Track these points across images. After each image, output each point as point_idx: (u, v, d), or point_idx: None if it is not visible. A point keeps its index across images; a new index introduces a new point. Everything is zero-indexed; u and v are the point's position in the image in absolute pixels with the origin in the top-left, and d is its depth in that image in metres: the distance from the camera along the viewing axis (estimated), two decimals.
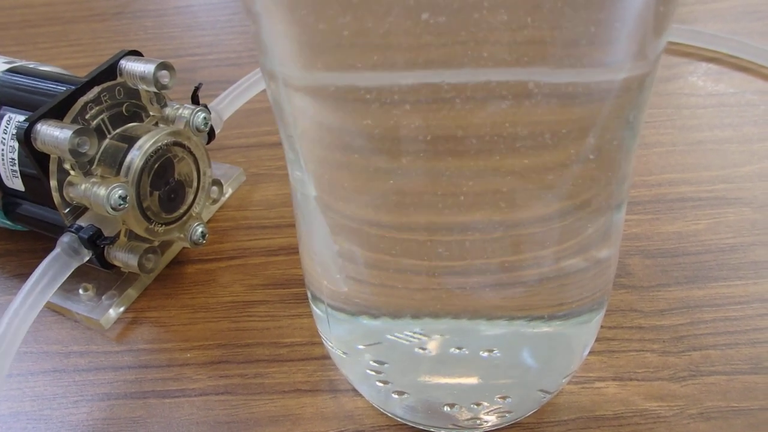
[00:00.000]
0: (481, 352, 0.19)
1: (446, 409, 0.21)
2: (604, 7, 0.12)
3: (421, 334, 0.19)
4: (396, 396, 0.21)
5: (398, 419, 0.23)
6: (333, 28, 0.13)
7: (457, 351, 0.19)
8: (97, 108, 0.26)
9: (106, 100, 0.27)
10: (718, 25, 0.43)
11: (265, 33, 0.14)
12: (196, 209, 0.30)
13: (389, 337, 0.19)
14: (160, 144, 0.27)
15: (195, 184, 0.29)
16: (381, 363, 0.20)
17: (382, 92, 0.13)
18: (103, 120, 0.26)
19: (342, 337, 0.21)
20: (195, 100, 0.29)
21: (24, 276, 0.25)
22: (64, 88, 0.26)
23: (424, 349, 0.19)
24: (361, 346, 0.20)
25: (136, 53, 0.27)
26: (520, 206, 0.16)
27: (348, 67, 0.13)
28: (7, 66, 0.29)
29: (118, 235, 0.27)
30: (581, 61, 0.13)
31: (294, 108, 0.15)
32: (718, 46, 0.40)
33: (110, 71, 0.27)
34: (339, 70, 0.14)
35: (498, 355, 0.19)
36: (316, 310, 0.21)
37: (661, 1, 0.13)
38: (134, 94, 0.28)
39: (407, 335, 0.19)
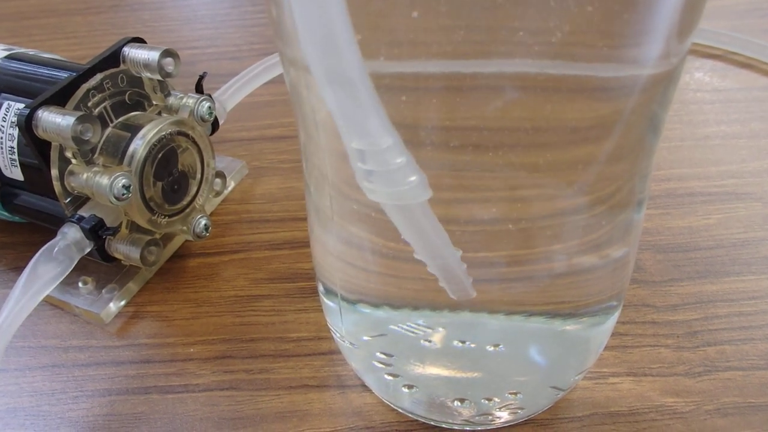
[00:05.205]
0: (487, 347, 0.19)
1: (456, 404, 0.20)
2: (629, 6, 0.12)
3: (425, 326, 0.18)
4: (405, 390, 0.21)
5: (408, 415, 0.23)
6: (358, 15, 0.12)
7: (461, 345, 0.19)
8: (100, 95, 0.26)
9: (109, 87, 0.26)
10: (722, 22, 0.43)
11: (288, 19, 0.14)
12: (199, 201, 0.29)
13: (399, 327, 0.19)
14: (163, 133, 0.26)
15: (198, 175, 0.29)
16: (389, 355, 0.20)
17: (404, 80, 0.13)
18: (105, 108, 0.26)
19: (355, 330, 0.20)
20: (199, 89, 0.29)
21: (21, 269, 0.24)
22: (65, 75, 0.25)
23: (429, 341, 0.19)
24: (371, 338, 0.20)
25: (139, 40, 0.27)
26: (540, 201, 0.15)
27: (371, 55, 0.13)
28: (7, 53, 0.28)
29: (119, 227, 0.26)
30: (604, 57, 0.13)
31: (314, 95, 0.15)
32: (724, 44, 0.40)
33: (113, 58, 0.26)
34: (363, 57, 0.13)
35: (503, 350, 0.19)
36: (329, 302, 0.21)
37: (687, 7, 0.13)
38: (137, 82, 0.27)
39: (416, 326, 0.18)
